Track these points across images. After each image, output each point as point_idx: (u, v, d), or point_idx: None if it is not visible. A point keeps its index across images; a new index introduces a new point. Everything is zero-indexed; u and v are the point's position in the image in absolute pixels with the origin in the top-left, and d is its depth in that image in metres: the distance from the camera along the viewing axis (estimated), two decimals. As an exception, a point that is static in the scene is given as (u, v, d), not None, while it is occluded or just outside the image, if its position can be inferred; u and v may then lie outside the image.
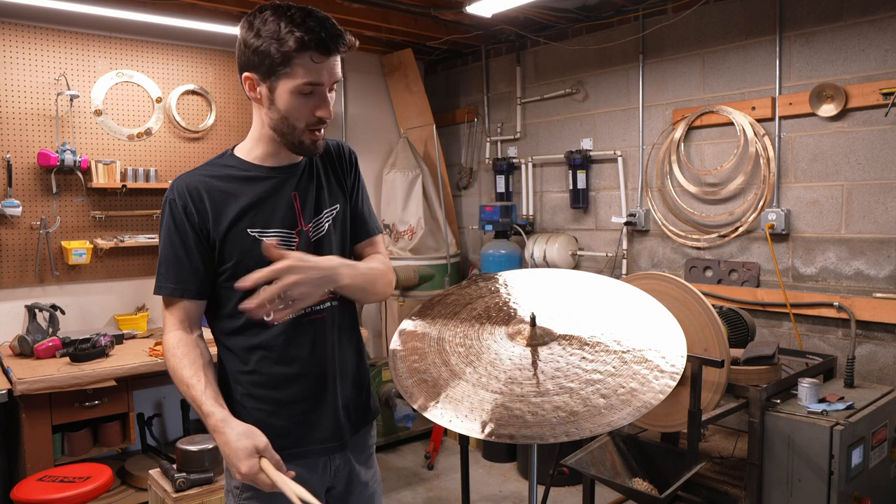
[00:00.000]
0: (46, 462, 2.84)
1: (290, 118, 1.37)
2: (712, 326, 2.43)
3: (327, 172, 1.56)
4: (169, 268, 1.41)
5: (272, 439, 1.34)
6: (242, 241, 1.41)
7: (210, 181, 1.42)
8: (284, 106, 1.36)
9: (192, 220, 1.40)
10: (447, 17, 4.01)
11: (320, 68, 1.33)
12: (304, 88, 1.34)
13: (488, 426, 1.22)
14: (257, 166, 1.46)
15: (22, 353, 3.16)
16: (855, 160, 3.00)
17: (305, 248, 1.45)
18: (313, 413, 1.48)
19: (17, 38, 3.45)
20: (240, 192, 1.42)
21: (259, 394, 1.46)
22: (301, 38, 1.29)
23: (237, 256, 1.40)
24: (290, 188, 1.47)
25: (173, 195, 1.42)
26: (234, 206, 1.41)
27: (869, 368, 2.96)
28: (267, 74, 1.34)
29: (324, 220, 1.51)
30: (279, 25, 1.30)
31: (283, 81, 1.34)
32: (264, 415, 1.45)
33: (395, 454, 4.25)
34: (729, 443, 2.98)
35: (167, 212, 1.42)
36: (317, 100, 1.37)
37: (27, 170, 3.49)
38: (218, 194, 1.41)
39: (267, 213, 1.43)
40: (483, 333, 1.49)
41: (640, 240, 3.89)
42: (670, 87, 3.68)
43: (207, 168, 1.46)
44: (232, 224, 1.40)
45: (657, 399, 1.24)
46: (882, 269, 2.94)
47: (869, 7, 2.93)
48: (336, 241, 1.53)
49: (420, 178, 4.56)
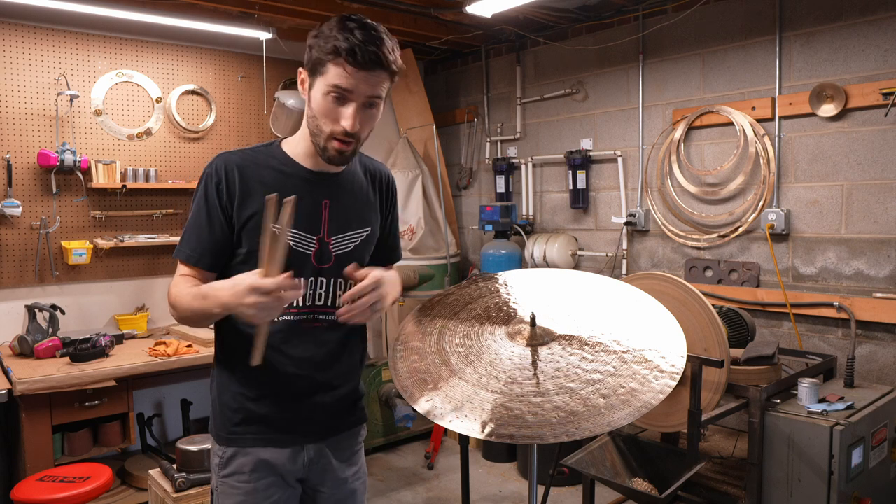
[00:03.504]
0: (46, 462, 2.84)
1: (319, 119, 1.41)
2: (712, 326, 2.43)
3: (368, 193, 1.60)
4: (191, 235, 1.46)
5: (247, 423, 1.48)
6: (259, 234, 1.41)
7: (250, 166, 1.47)
8: (316, 105, 1.40)
9: (221, 197, 1.44)
10: (447, 17, 4.01)
11: (351, 77, 1.36)
12: (334, 91, 1.37)
13: (488, 426, 1.22)
14: (297, 164, 1.50)
15: (22, 353, 3.16)
16: (855, 160, 3.00)
17: (322, 259, 1.49)
18: (292, 411, 1.52)
19: (17, 38, 3.45)
20: (272, 184, 1.44)
21: (244, 380, 1.50)
22: (339, 45, 1.34)
23: (254, 245, 1.41)
24: (323, 194, 1.50)
25: (212, 169, 1.46)
26: (262, 196, 1.40)
27: (869, 368, 2.96)
28: (311, 72, 1.41)
29: (351, 238, 1.54)
30: (333, 31, 1.36)
31: (318, 81, 1.39)
32: (245, 399, 1.50)
33: (395, 454, 4.25)
34: (729, 443, 2.98)
35: (203, 183, 1.46)
36: (345, 108, 1.39)
37: (27, 170, 3.49)
38: (252, 180, 1.45)
39: (297, 214, 1.43)
40: (483, 333, 1.49)
41: (640, 240, 3.89)
42: (670, 87, 3.68)
43: (252, 153, 1.50)
44: (256, 213, 1.43)
45: (657, 399, 1.24)
46: (882, 269, 2.94)
47: (869, 7, 2.93)
48: (360, 263, 1.54)
49: (420, 178, 4.56)
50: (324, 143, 1.43)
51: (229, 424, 1.50)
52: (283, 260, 1.28)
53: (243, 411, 1.49)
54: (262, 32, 3.86)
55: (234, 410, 1.50)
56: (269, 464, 1.50)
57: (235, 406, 1.50)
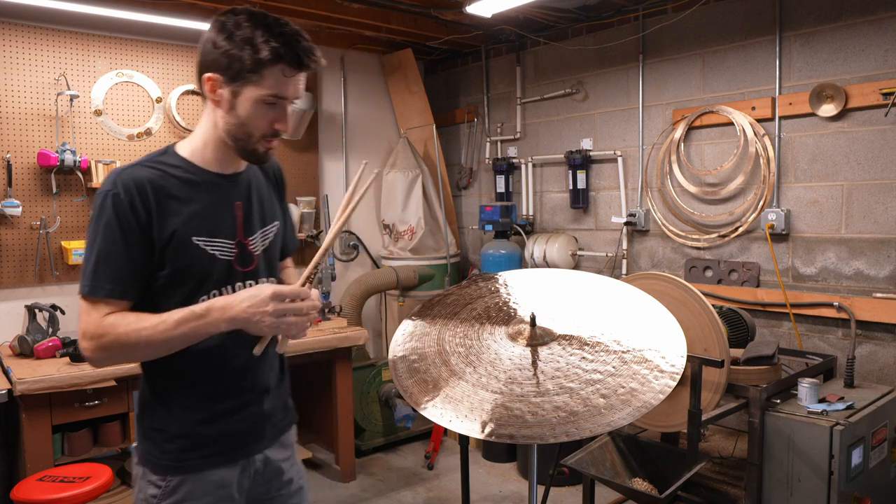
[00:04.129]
0: (46, 462, 2.84)
1: (249, 125, 1.35)
2: (712, 326, 2.43)
3: (269, 188, 1.57)
4: (104, 267, 1.30)
5: (199, 448, 1.41)
6: (187, 248, 1.36)
7: (157, 180, 1.34)
8: (245, 112, 1.34)
9: (138, 217, 1.31)
10: (447, 17, 4.01)
11: (288, 82, 1.33)
12: (269, 99, 1.33)
13: (488, 426, 1.22)
14: (204, 170, 1.41)
15: (22, 353, 3.16)
16: (855, 160, 3.00)
17: (244, 261, 1.45)
18: (244, 421, 1.48)
19: (17, 38, 3.45)
20: (187, 197, 1.37)
21: (193, 404, 1.43)
22: (277, 50, 1.29)
23: (179, 263, 1.35)
24: (235, 197, 1.45)
25: (117, 189, 1.30)
26: (181, 210, 1.36)
27: (869, 368, 2.96)
28: (233, 78, 1.31)
29: (265, 235, 1.51)
30: (255, 32, 1.29)
31: (250, 88, 1.32)
32: (195, 424, 1.42)
33: (395, 454, 4.25)
34: (729, 443, 2.98)
35: (109, 206, 1.30)
36: (278, 112, 1.36)
37: (27, 170, 3.49)
38: (164, 196, 1.34)
39: (213, 222, 1.40)
40: (483, 333, 1.49)
41: (640, 240, 3.89)
42: (670, 87, 3.68)
43: (151, 165, 1.37)
44: (177, 230, 1.34)
45: (657, 399, 1.24)
46: (882, 269, 2.94)
47: (869, 7, 2.93)
48: (275, 258, 1.55)
49: (420, 178, 4.56)
50: (254, 146, 1.38)
51: (176, 452, 1.41)
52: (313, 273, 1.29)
53: (193, 436, 1.42)
54: (262, 32, 3.85)
55: (182, 437, 1.41)
56: (221, 483, 1.45)
57: (183, 432, 1.41)
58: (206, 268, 1.38)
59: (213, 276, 1.40)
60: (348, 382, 3.80)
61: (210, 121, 1.40)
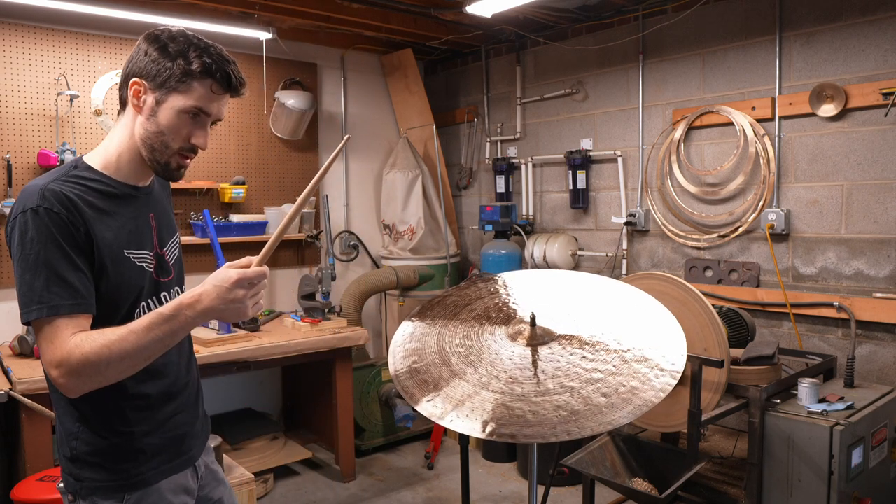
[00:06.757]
0: (46, 462, 2.83)
1: (167, 135, 1.33)
2: (712, 326, 2.43)
3: (167, 199, 1.59)
4: (63, 281, 1.22)
5: (147, 460, 1.39)
6: (122, 261, 1.35)
7: (82, 195, 1.30)
8: (166, 121, 1.32)
9: (77, 232, 1.26)
10: (447, 17, 4.01)
11: (214, 99, 1.34)
12: (193, 110, 1.32)
13: (489, 426, 1.22)
14: (122, 183, 1.38)
15: (22, 353, 3.15)
16: (855, 160, 3.00)
17: (163, 271, 1.46)
18: (185, 425, 1.49)
19: (17, 38, 3.45)
20: (112, 210, 1.35)
21: (135, 417, 1.40)
22: (208, 66, 1.30)
23: (118, 278, 1.33)
24: (149, 209, 1.46)
25: (49, 203, 1.23)
26: (109, 225, 1.33)
27: (869, 368, 2.96)
28: (160, 85, 1.31)
29: (175, 245, 1.53)
30: (189, 47, 1.30)
31: (174, 97, 1.31)
32: (139, 437, 1.40)
33: (395, 454, 4.25)
34: (729, 443, 2.98)
35: (44, 221, 1.22)
36: (198, 127, 1.35)
37: (27, 170, 3.49)
38: (91, 210, 1.30)
39: (138, 234, 1.40)
40: (483, 334, 1.49)
41: (640, 240, 3.89)
42: (670, 87, 3.68)
43: (69, 181, 1.31)
44: (109, 244, 1.32)
45: (658, 397, 1.24)
46: (882, 269, 2.94)
47: (869, 7, 2.93)
48: (182, 267, 1.57)
49: (420, 178, 4.56)
50: (167, 159, 1.36)
51: (131, 468, 1.38)
52: (270, 251, 1.28)
53: (142, 450, 1.39)
54: (262, 32, 3.86)
55: (134, 452, 1.39)
56: (178, 491, 1.46)
57: (131, 448, 1.38)
58: (138, 281, 1.38)
59: (144, 288, 1.40)
60: (348, 382, 3.80)
61: (127, 130, 1.37)
